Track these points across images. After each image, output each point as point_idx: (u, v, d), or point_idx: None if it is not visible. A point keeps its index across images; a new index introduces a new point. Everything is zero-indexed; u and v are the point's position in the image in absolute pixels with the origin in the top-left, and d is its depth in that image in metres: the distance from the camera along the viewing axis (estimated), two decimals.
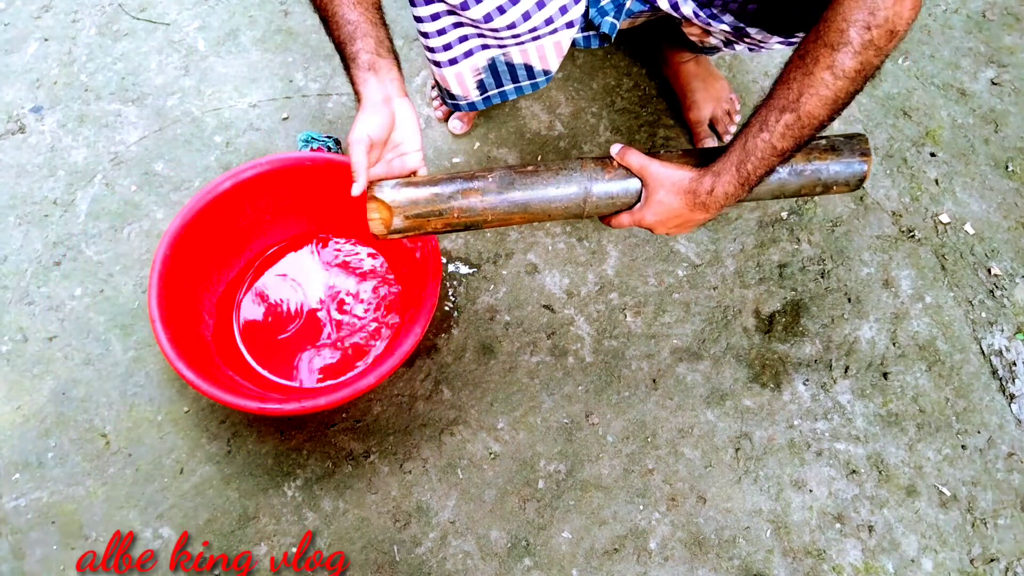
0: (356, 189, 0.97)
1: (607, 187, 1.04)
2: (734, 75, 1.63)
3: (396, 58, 1.04)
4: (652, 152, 1.07)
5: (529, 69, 1.27)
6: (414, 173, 1.06)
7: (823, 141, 1.05)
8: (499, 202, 1.03)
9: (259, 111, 1.60)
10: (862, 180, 1.05)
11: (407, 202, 1.02)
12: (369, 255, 1.45)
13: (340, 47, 1.03)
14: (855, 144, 1.05)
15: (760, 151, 0.95)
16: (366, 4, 1.03)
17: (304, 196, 1.39)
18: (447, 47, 1.19)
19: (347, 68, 1.03)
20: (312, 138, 1.51)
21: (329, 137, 1.52)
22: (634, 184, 1.05)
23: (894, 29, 0.85)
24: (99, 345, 1.40)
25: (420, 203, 1.02)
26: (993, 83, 1.61)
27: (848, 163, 1.04)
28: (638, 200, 1.06)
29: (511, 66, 1.26)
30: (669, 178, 1.02)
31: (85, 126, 1.59)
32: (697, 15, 1.20)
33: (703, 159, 1.04)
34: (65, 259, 1.47)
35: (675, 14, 1.23)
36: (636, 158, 1.04)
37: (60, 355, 1.39)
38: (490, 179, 1.03)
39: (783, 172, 1.03)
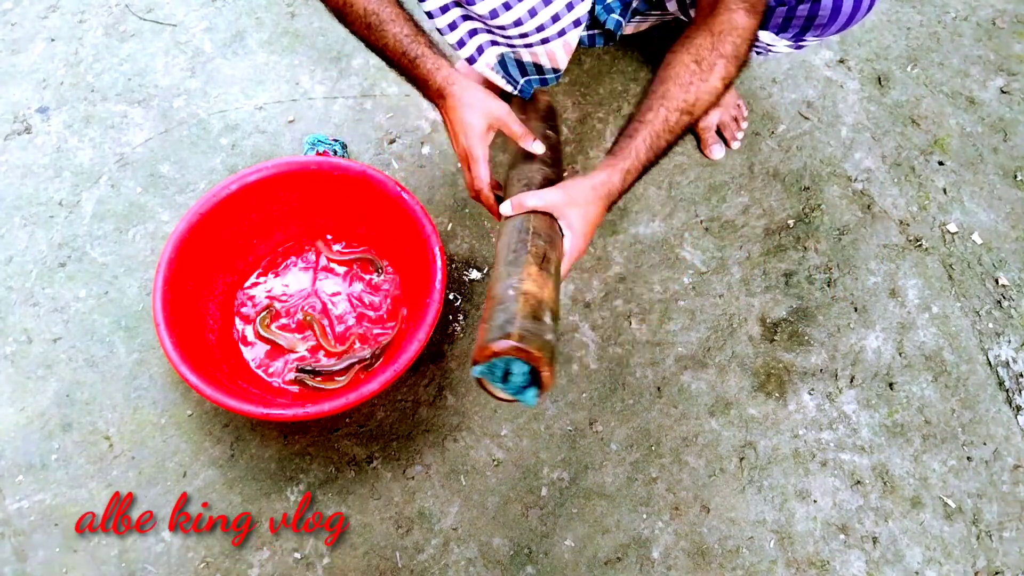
0: (537, 148, 1.13)
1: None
2: (741, 81, 1.62)
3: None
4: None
5: (538, 67, 1.26)
6: None
7: None
8: None
9: (265, 113, 1.60)
10: None
11: None
12: (374, 260, 1.44)
13: (395, 59, 1.10)
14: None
15: (658, 144, 1.05)
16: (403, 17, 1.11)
17: (310, 200, 1.38)
18: (460, 43, 1.18)
19: (411, 71, 1.11)
20: (319, 141, 1.51)
21: (336, 140, 1.52)
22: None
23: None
24: (103, 347, 1.40)
25: None
26: (1002, 91, 1.60)
27: None
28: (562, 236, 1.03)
29: (520, 63, 1.26)
30: (577, 189, 1.03)
31: (91, 127, 1.59)
32: None
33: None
34: (70, 260, 1.47)
35: (684, 17, 1.23)
36: (533, 198, 1.02)
37: (64, 357, 1.39)
38: None
39: None
